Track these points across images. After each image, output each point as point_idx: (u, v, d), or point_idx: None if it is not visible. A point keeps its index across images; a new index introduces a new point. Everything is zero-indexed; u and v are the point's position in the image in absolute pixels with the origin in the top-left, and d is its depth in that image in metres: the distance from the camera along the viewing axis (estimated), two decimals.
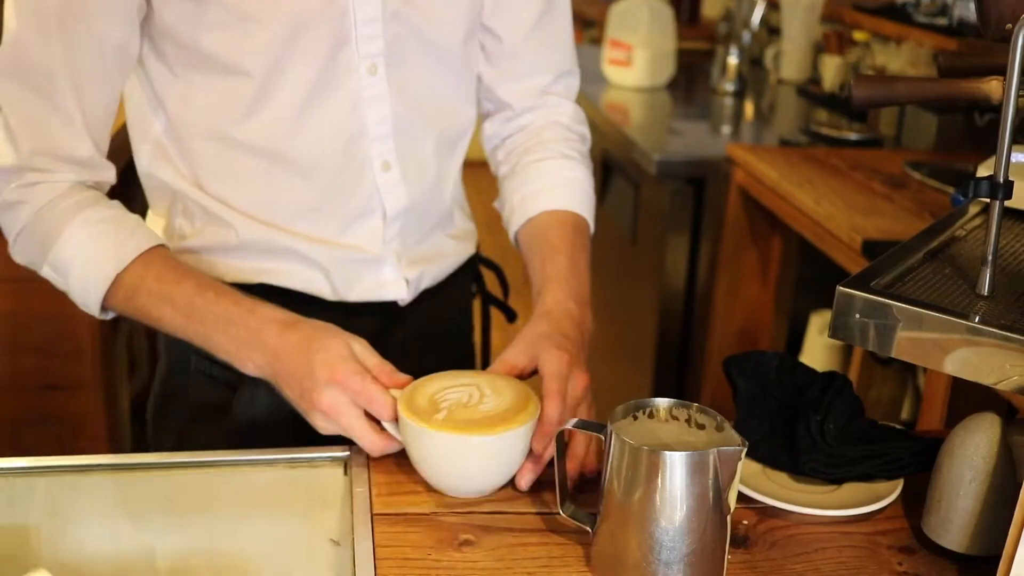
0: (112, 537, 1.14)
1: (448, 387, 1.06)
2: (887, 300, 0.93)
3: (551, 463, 1.00)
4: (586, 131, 1.40)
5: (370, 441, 1.06)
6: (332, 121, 1.21)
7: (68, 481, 1.12)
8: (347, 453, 1.13)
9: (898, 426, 1.16)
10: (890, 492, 1.06)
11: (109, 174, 1.22)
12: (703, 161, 2.55)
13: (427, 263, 1.32)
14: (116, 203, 1.21)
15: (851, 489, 1.07)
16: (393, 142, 1.23)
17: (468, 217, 1.42)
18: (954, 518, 0.97)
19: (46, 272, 1.19)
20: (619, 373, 2.96)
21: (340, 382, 1.04)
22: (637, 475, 0.87)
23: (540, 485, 1.07)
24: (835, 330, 0.98)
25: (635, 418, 0.94)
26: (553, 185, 1.32)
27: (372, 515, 1.02)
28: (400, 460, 1.11)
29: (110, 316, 1.21)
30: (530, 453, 1.05)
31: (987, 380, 0.92)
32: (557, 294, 1.20)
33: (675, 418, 0.94)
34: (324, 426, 1.07)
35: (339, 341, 1.07)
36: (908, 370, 2.20)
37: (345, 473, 1.12)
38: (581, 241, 1.29)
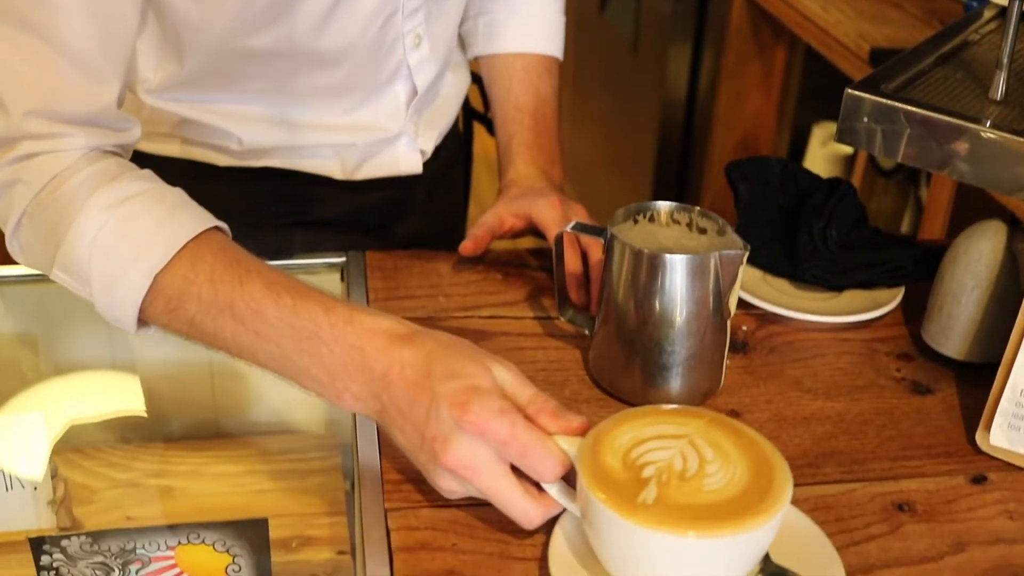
0: (108, 349, 1.14)
1: (647, 438, 0.72)
2: (896, 103, 0.91)
3: (551, 269, 0.98)
4: None
5: (524, 511, 0.74)
6: (366, 5, 1.05)
7: (63, 289, 1.11)
8: (343, 259, 1.12)
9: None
10: (891, 299, 1.05)
11: (132, 132, 0.92)
12: None
13: (438, 123, 1.24)
14: (147, 172, 0.89)
15: (851, 296, 1.06)
16: (424, 13, 1.12)
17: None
18: (954, 325, 0.96)
19: (58, 276, 0.87)
20: (618, 185, 2.94)
21: (480, 427, 0.72)
22: (637, 279, 0.86)
23: (539, 291, 1.06)
24: (841, 134, 0.96)
25: (635, 222, 0.92)
26: (520, 22, 1.25)
27: None
28: (399, 265, 1.10)
29: (151, 332, 0.88)
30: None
31: (998, 188, 0.90)
32: (525, 162, 1.17)
33: (676, 222, 0.92)
34: (454, 489, 0.75)
35: (478, 366, 0.76)
36: (910, 182, 2.18)
37: (342, 279, 1.11)
38: (548, 87, 1.24)
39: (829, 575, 0.71)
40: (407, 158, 1.19)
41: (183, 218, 0.85)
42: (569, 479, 0.73)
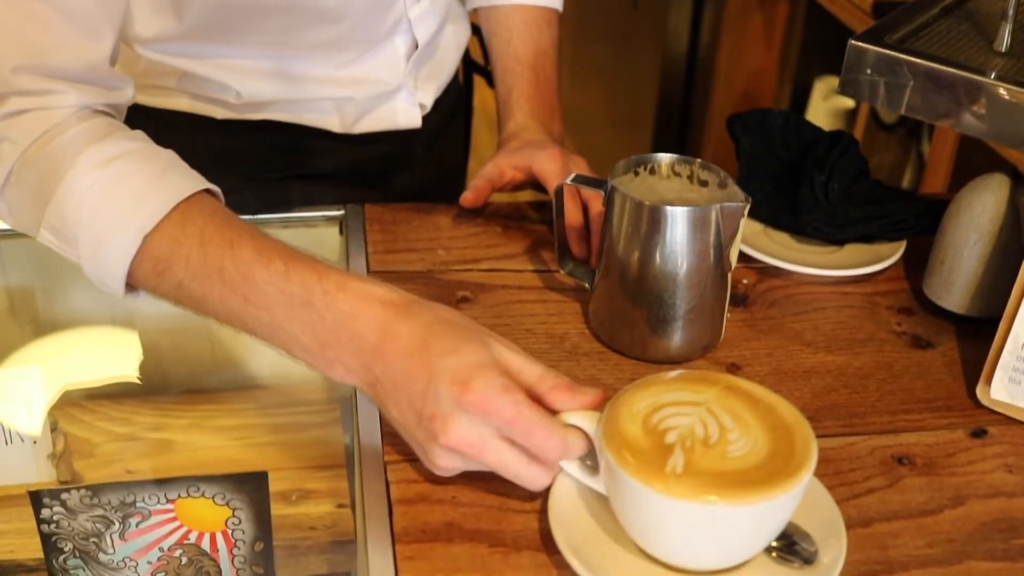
0: (106, 297, 1.14)
1: (664, 404, 0.70)
2: (900, 55, 0.90)
3: (551, 222, 0.98)
4: None
5: (535, 477, 0.72)
6: None
7: None
8: (342, 212, 1.11)
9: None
10: (892, 253, 1.05)
11: (125, 91, 0.89)
12: None
13: (438, 77, 1.23)
14: (139, 133, 0.86)
15: (853, 250, 1.06)
16: None
17: None
18: (956, 279, 0.96)
19: (45, 238, 0.84)
20: (618, 139, 2.92)
21: (483, 406, 0.69)
22: (637, 231, 0.86)
23: (538, 244, 1.06)
24: (844, 86, 0.95)
25: (636, 174, 0.91)
26: None
27: (369, 273, 1.00)
28: (398, 218, 1.09)
29: (139, 297, 0.86)
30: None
31: (1003, 141, 0.89)
32: (525, 115, 1.16)
33: (677, 174, 0.91)
34: (452, 466, 0.73)
35: (477, 343, 0.73)
36: (912, 137, 2.17)
37: (341, 233, 1.11)
38: (548, 40, 1.22)
39: (829, 529, 0.71)
40: (406, 112, 1.18)
41: (174, 179, 0.82)
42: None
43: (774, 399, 0.71)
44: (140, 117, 0.90)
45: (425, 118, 1.20)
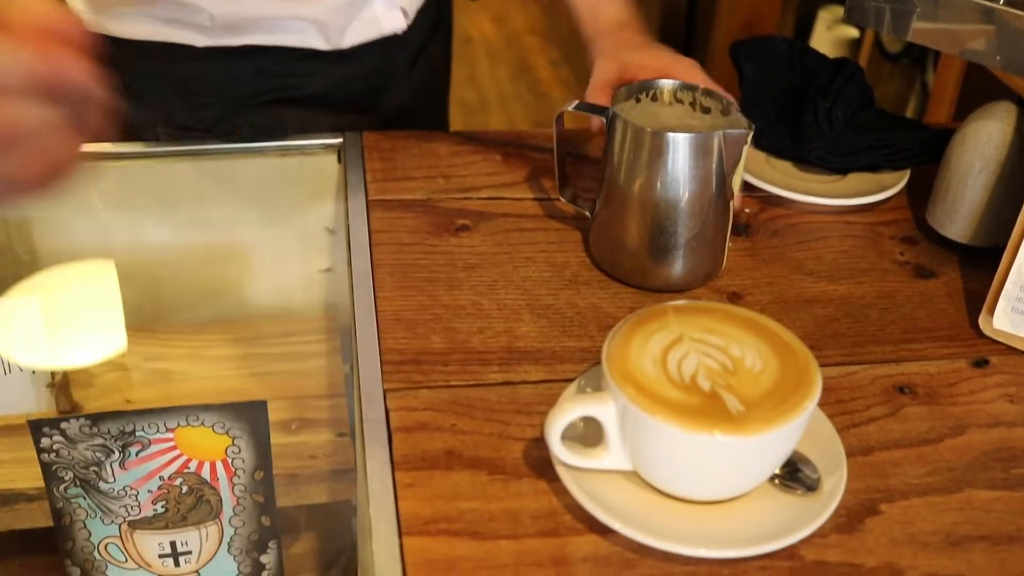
0: (104, 227, 1.13)
1: (674, 341, 0.68)
2: None
3: (551, 151, 0.97)
4: None
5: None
6: None
7: None
8: (340, 140, 1.10)
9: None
10: (896, 183, 1.04)
11: None
12: None
13: None
14: None
15: (856, 179, 1.05)
16: None
17: None
18: (960, 208, 0.95)
19: None
20: None
21: None
22: (639, 158, 0.85)
23: (538, 172, 1.05)
24: (850, 13, 0.94)
25: (638, 101, 0.90)
26: None
27: (367, 201, 1.00)
28: (396, 146, 1.08)
29: None
30: None
31: (1011, 68, 0.88)
32: (629, 11, 1.07)
33: (680, 101, 0.90)
34: None
35: None
36: (917, 66, 2.15)
37: (339, 161, 1.10)
38: None
39: (830, 457, 0.70)
40: (387, 16, 1.16)
41: None
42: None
43: (777, 328, 0.70)
44: (118, 50, 0.86)
45: (408, 30, 1.18)
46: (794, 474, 0.69)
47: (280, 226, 1.16)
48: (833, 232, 0.99)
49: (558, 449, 0.67)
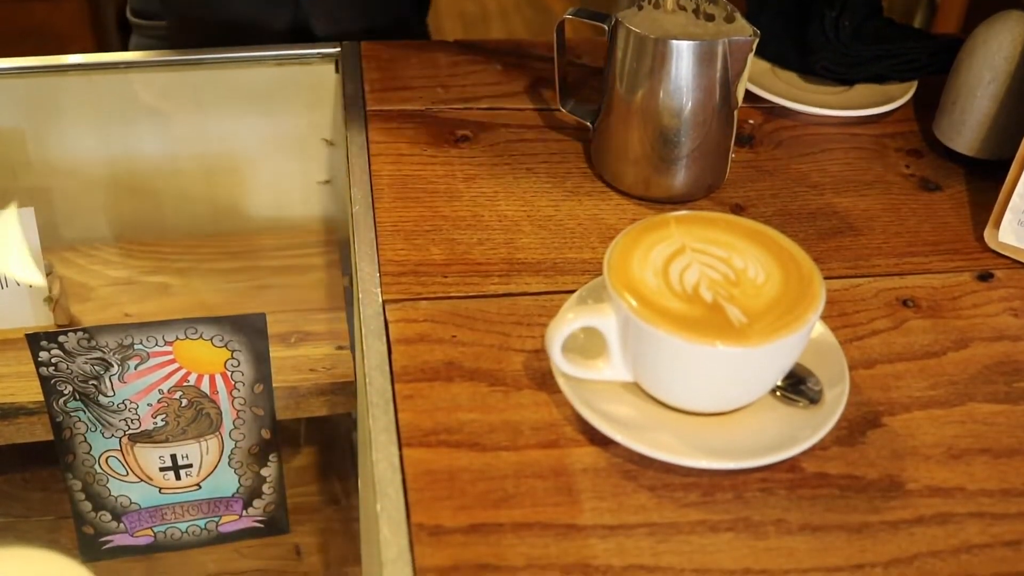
0: (101, 140, 1.12)
1: (676, 251, 0.67)
2: None
3: (552, 60, 0.95)
4: None
5: None
6: None
7: (51, 83, 1.07)
8: (338, 49, 1.08)
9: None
10: (903, 94, 1.02)
11: None
12: None
13: None
14: None
15: (862, 90, 1.03)
16: None
17: None
18: (968, 120, 0.93)
19: None
20: None
21: None
22: (641, 67, 0.83)
23: (538, 82, 1.03)
24: None
25: (640, 8, 0.88)
26: None
27: (365, 112, 0.98)
28: (395, 56, 1.06)
29: None
30: None
31: None
32: None
33: (682, 8, 0.88)
34: None
35: None
36: None
37: (337, 70, 1.08)
38: None
39: (832, 369, 0.70)
40: None
41: None
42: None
43: (780, 239, 0.69)
44: None
45: None
46: (796, 386, 0.69)
47: (278, 137, 1.15)
48: (838, 144, 0.98)
49: (559, 360, 0.67)
